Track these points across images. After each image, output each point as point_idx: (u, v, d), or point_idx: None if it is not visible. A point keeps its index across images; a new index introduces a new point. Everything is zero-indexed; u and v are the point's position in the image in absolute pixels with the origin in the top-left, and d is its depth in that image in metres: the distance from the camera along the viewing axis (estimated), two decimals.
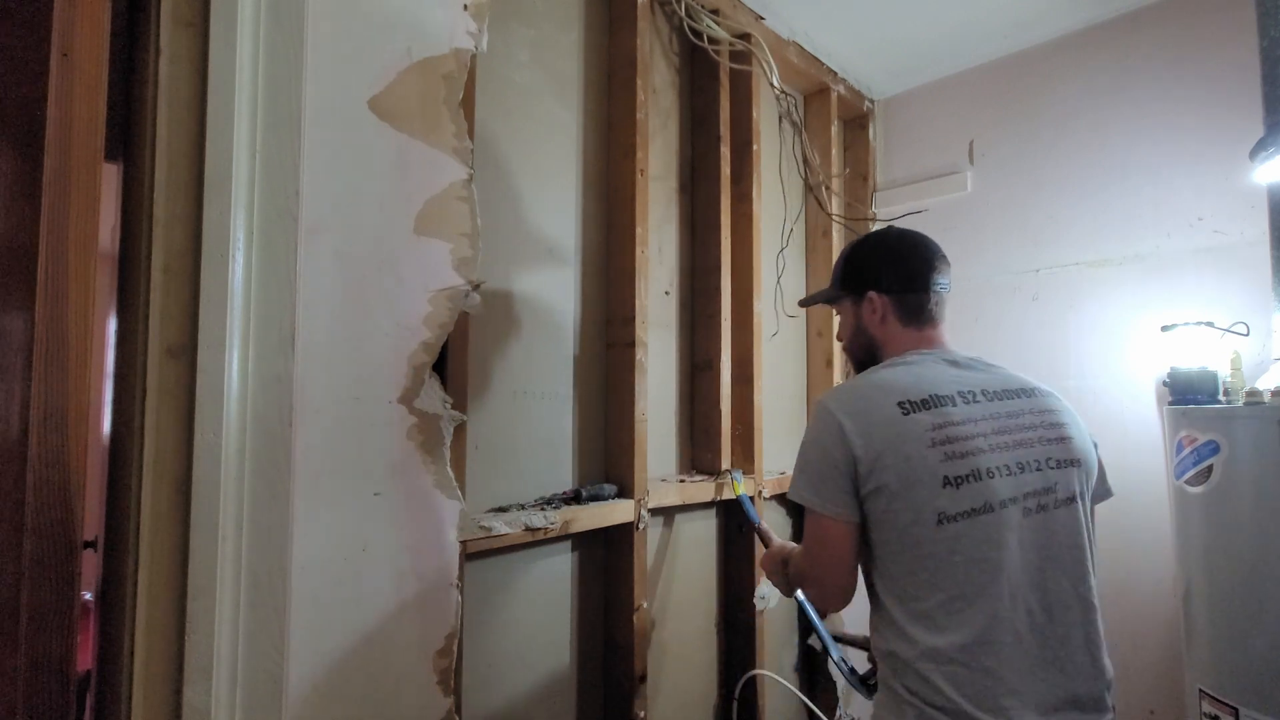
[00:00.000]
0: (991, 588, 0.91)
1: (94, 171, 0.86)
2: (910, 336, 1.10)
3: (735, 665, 1.88)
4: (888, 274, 1.12)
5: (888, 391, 0.98)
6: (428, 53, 1.15)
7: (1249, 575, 1.33)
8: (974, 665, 0.89)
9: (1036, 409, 1.01)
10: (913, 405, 0.95)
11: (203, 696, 0.89)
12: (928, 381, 0.99)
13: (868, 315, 1.13)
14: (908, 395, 0.97)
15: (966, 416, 0.96)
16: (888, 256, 1.14)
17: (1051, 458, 0.98)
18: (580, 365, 1.59)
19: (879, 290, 1.12)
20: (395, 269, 1.10)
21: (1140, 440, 1.91)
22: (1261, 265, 1.64)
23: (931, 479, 0.92)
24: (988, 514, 0.92)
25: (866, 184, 2.52)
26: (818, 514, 0.99)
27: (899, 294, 1.11)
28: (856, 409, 0.97)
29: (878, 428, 0.95)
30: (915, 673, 0.91)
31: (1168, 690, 1.83)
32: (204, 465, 0.91)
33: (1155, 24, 1.96)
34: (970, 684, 0.88)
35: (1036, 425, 0.99)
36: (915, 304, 1.10)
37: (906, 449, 0.93)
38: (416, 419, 1.12)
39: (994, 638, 0.90)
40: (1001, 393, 1.01)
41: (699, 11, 1.83)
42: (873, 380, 1.02)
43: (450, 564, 1.15)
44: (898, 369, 1.04)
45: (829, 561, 1.00)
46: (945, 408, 0.96)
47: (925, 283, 1.10)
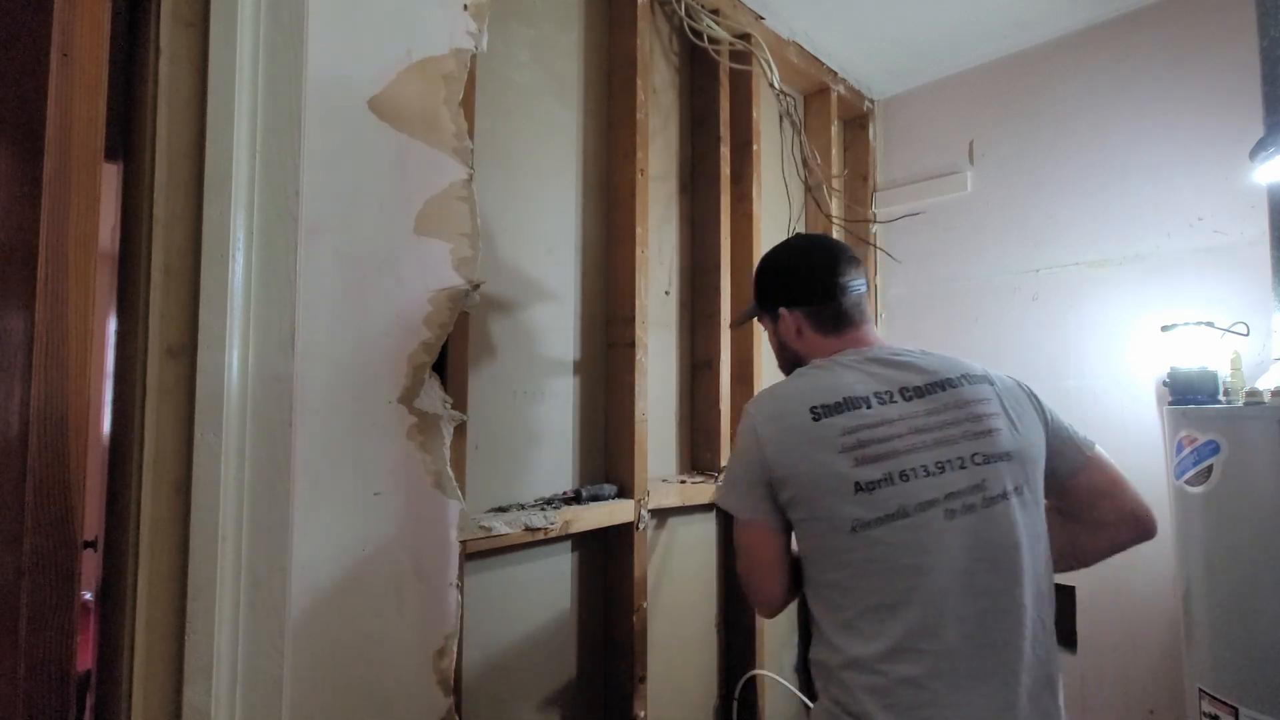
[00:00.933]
0: (913, 595, 0.86)
1: (94, 171, 0.86)
2: (831, 345, 1.06)
3: (735, 665, 1.88)
4: (793, 289, 1.09)
5: (802, 397, 0.96)
6: (428, 53, 1.15)
7: (1249, 575, 1.33)
8: (893, 675, 0.85)
9: (962, 401, 0.95)
10: (825, 409, 0.93)
11: (203, 696, 0.89)
12: (844, 384, 0.96)
13: (785, 332, 1.11)
14: (821, 399, 0.94)
15: (881, 418, 0.92)
16: (789, 271, 1.12)
17: (978, 453, 0.92)
18: (580, 365, 1.59)
19: (788, 306, 1.09)
20: (395, 269, 1.10)
21: (1140, 440, 1.91)
22: (1261, 265, 1.64)
23: (844, 485, 0.89)
24: (904, 519, 0.88)
25: (866, 184, 2.52)
26: (742, 521, 0.99)
27: (809, 306, 1.07)
28: (772, 415, 0.97)
29: (790, 434, 0.94)
30: (839, 682, 0.90)
31: (1168, 690, 1.83)
32: (204, 465, 0.91)
33: (1155, 24, 1.96)
34: (890, 694, 0.85)
35: (960, 420, 0.94)
36: (828, 313, 1.06)
37: (818, 455, 0.91)
38: (416, 419, 1.12)
39: (916, 646, 0.86)
40: (924, 388, 0.96)
41: (699, 11, 1.83)
42: (790, 385, 1.01)
43: (450, 564, 1.15)
44: (817, 372, 1.01)
45: (755, 568, 1.01)
46: (859, 410, 0.93)
47: (832, 289, 1.06)
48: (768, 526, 0.97)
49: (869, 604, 0.89)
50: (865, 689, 0.86)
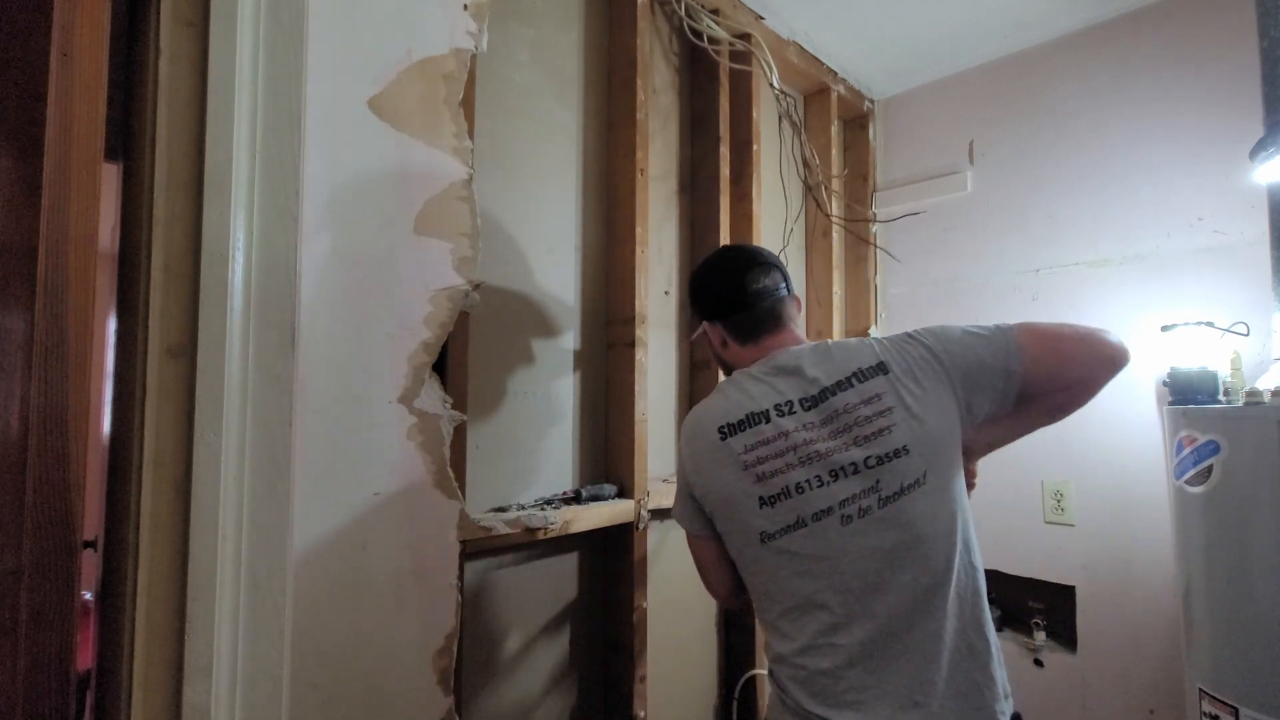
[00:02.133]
0: (821, 596, 0.93)
1: (94, 171, 0.86)
2: (752, 354, 1.08)
3: (735, 665, 1.88)
4: (708, 302, 1.13)
5: (712, 417, 1.02)
6: (428, 53, 1.15)
7: (1249, 575, 1.33)
8: (810, 668, 0.93)
9: (851, 405, 0.94)
10: (730, 428, 0.99)
11: (203, 696, 0.89)
12: (748, 399, 1.00)
13: (714, 343, 1.15)
14: (727, 418, 1.00)
15: (778, 430, 0.96)
16: (701, 287, 1.15)
17: (870, 456, 0.92)
18: (580, 365, 1.59)
19: (709, 320, 1.13)
20: (395, 269, 1.10)
21: (1140, 440, 1.91)
22: (1261, 265, 1.64)
23: (748, 500, 0.96)
24: (803, 528, 0.94)
25: (866, 184, 2.52)
26: (687, 532, 1.10)
27: (725, 317, 1.10)
28: (689, 436, 1.05)
29: (701, 455, 1.01)
30: (774, 676, 1.00)
31: (1168, 690, 1.83)
32: (204, 465, 0.91)
33: (1155, 24, 1.96)
34: (811, 684, 0.93)
35: (851, 425, 0.94)
36: (743, 322, 1.08)
37: (725, 474, 0.98)
38: (416, 419, 1.12)
39: (830, 642, 0.92)
40: (816, 396, 0.96)
41: (699, 11, 1.83)
42: (706, 404, 1.06)
43: (450, 564, 1.15)
44: (730, 388, 1.05)
45: (702, 568, 1.13)
46: (759, 425, 0.98)
47: (741, 299, 1.07)
48: (703, 535, 1.08)
49: (785, 606, 0.96)
50: (790, 679, 0.95)
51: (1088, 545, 2.00)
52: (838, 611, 0.92)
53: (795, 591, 0.95)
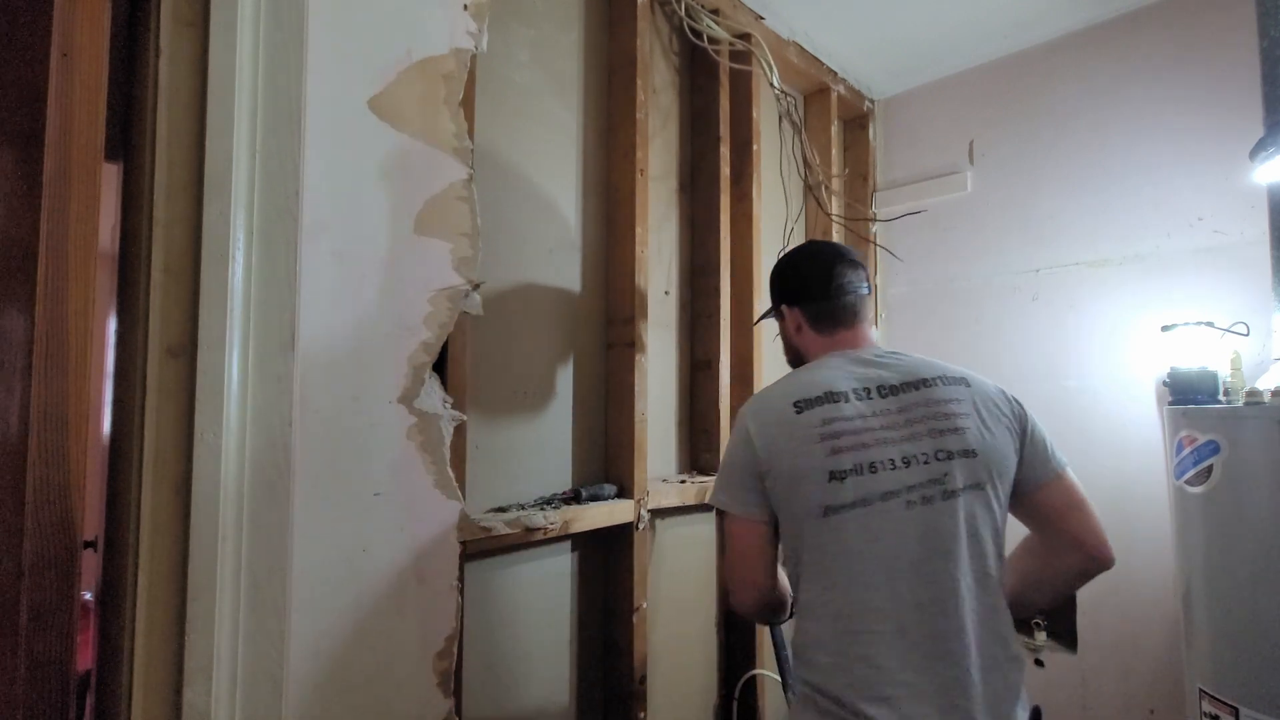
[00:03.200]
0: (867, 578, 0.94)
1: (94, 171, 0.86)
2: (824, 342, 1.14)
3: (735, 665, 1.88)
4: (791, 287, 1.18)
5: (787, 393, 1.04)
6: (428, 53, 1.15)
7: (1249, 575, 1.33)
8: (851, 654, 0.92)
9: (933, 400, 1.01)
10: (806, 403, 1.01)
11: (203, 696, 0.89)
12: (826, 380, 1.03)
13: (788, 328, 1.20)
14: (804, 394, 1.02)
15: (857, 412, 0.99)
16: (789, 271, 1.20)
17: (941, 450, 0.97)
18: (580, 365, 1.59)
19: (789, 303, 1.18)
20: (395, 269, 1.10)
21: (1140, 440, 1.91)
22: (1261, 265, 1.64)
23: (818, 473, 0.96)
24: (865, 506, 0.95)
25: (866, 184, 2.52)
26: (730, 515, 1.05)
27: (806, 304, 1.15)
28: (759, 411, 1.05)
29: (773, 426, 1.01)
30: (809, 662, 0.97)
31: (1168, 690, 1.83)
32: (204, 465, 0.91)
33: (1155, 24, 1.96)
34: (848, 672, 0.92)
35: (928, 417, 1.00)
36: (823, 311, 1.14)
37: (796, 444, 0.98)
38: (416, 419, 1.12)
39: (871, 628, 0.92)
40: (899, 386, 1.03)
41: (699, 11, 1.83)
42: (780, 384, 1.08)
43: (450, 564, 1.15)
44: (804, 372, 1.09)
45: (740, 557, 1.06)
46: (838, 404, 1.00)
47: (826, 289, 1.13)
48: (756, 519, 1.04)
49: (828, 584, 0.96)
50: (829, 668, 0.94)
51: None
52: (883, 594, 0.93)
53: (843, 570, 0.95)
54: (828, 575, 0.96)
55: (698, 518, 1.86)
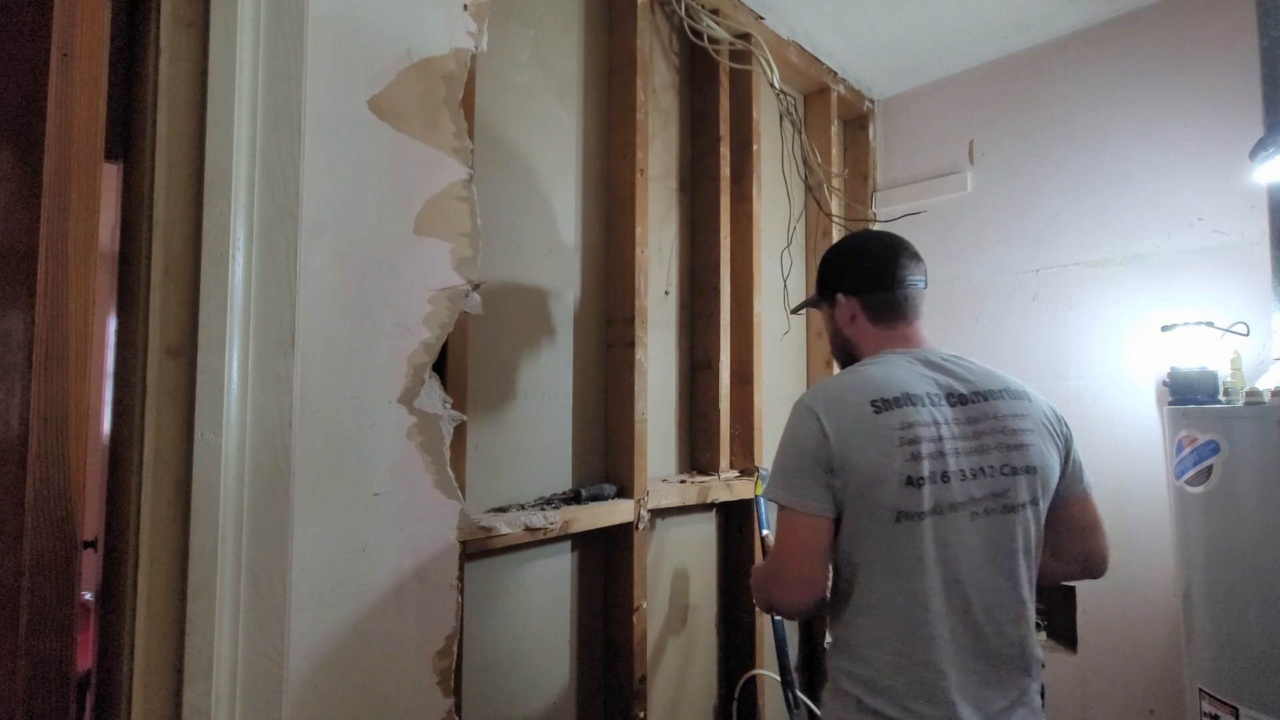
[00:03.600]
0: (931, 583, 0.94)
1: (94, 171, 0.86)
2: (881, 335, 1.11)
3: (735, 665, 1.88)
4: (851, 275, 1.14)
5: (862, 389, 1.00)
6: (428, 53, 1.15)
7: (1249, 575, 1.33)
8: (913, 655, 0.93)
9: (1000, 413, 1.02)
10: (885, 404, 0.97)
11: (203, 696, 0.89)
12: (900, 381, 1.00)
13: (840, 317, 1.15)
14: (881, 393, 0.98)
15: (933, 418, 0.98)
16: (851, 258, 1.16)
17: (1007, 464, 0.99)
18: (580, 365, 1.59)
19: (845, 292, 1.14)
20: (395, 269, 1.10)
21: (1140, 440, 1.91)
22: (1261, 265, 1.64)
23: (895, 477, 0.94)
24: (937, 515, 0.95)
25: (866, 184, 2.52)
26: (791, 510, 0.99)
27: (865, 293, 1.12)
28: (835, 405, 0.99)
29: (850, 424, 0.97)
30: (860, 656, 0.97)
31: (1168, 690, 1.83)
32: (204, 465, 0.91)
33: (1155, 24, 1.96)
34: (908, 672, 0.93)
35: (996, 430, 1.00)
36: (883, 302, 1.10)
37: (874, 444, 0.95)
38: (416, 419, 1.12)
39: (933, 633, 0.93)
40: (969, 396, 1.02)
41: (699, 11, 1.83)
42: (848, 379, 1.04)
43: (450, 564, 1.15)
44: (873, 367, 1.05)
45: (798, 554, 0.99)
46: (916, 407, 0.98)
47: (890, 280, 1.10)
48: (820, 514, 0.98)
49: (894, 588, 0.95)
50: (889, 665, 0.94)
51: None
52: (946, 602, 0.94)
53: (911, 575, 0.95)
54: (894, 577, 0.95)
55: (698, 518, 1.86)
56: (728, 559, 1.92)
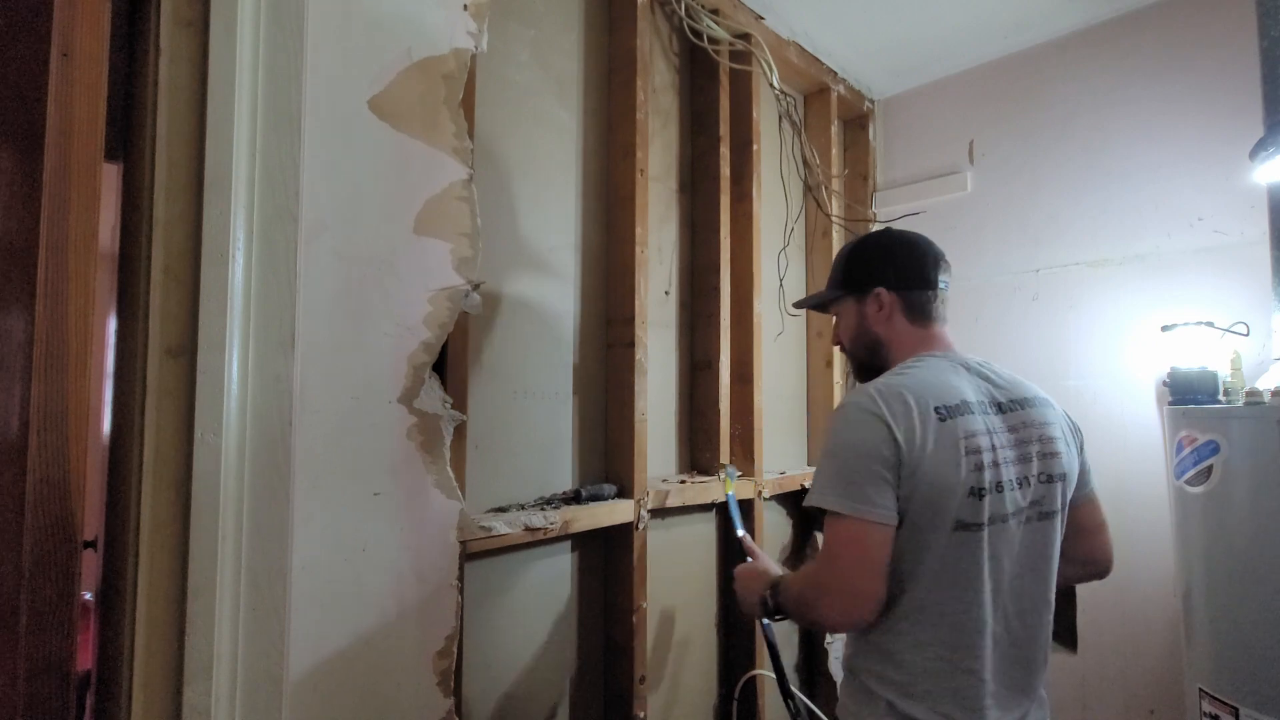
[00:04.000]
0: (979, 591, 0.94)
1: (94, 171, 0.86)
2: (916, 335, 1.09)
3: (735, 665, 1.88)
4: (894, 270, 1.11)
5: (923, 394, 0.96)
6: (428, 53, 1.15)
7: (1249, 575, 1.33)
8: (957, 663, 0.93)
9: (1036, 421, 1.03)
10: (949, 411, 0.95)
11: (203, 696, 0.89)
12: (956, 387, 0.99)
13: (873, 313, 1.12)
14: (943, 399, 0.96)
15: (987, 427, 0.97)
16: (893, 253, 1.14)
17: (1044, 473, 1.00)
18: (580, 365, 1.59)
19: (887, 286, 1.11)
20: (395, 269, 1.10)
21: (1140, 440, 1.91)
22: (1261, 265, 1.64)
23: (960, 487, 0.92)
24: (992, 525, 0.94)
25: (866, 184, 2.52)
26: (853, 519, 0.92)
27: (906, 290, 1.10)
28: (897, 410, 0.94)
29: (919, 431, 0.93)
30: (898, 661, 0.95)
31: (1168, 690, 1.83)
32: (204, 465, 0.91)
33: (1155, 24, 1.96)
34: (950, 679, 0.93)
35: (1034, 439, 1.01)
36: (921, 301, 1.10)
37: (944, 455, 0.93)
38: (416, 419, 1.12)
39: (979, 641, 0.94)
40: (1009, 404, 1.03)
41: (699, 11, 1.83)
42: (905, 381, 0.99)
43: (450, 564, 1.15)
44: (922, 371, 1.01)
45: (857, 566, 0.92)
46: (974, 416, 0.97)
47: (930, 279, 1.11)
48: (888, 523, 0.92)
49: (949, 596, 0.94)
50: (930, 671, 0.94)
51: None
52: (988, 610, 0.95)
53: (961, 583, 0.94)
54: (949, 586, 0.94)
55: (698, 518, 1.86)
56: (728, 559, 1.92)
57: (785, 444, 2.22)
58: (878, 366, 1.11)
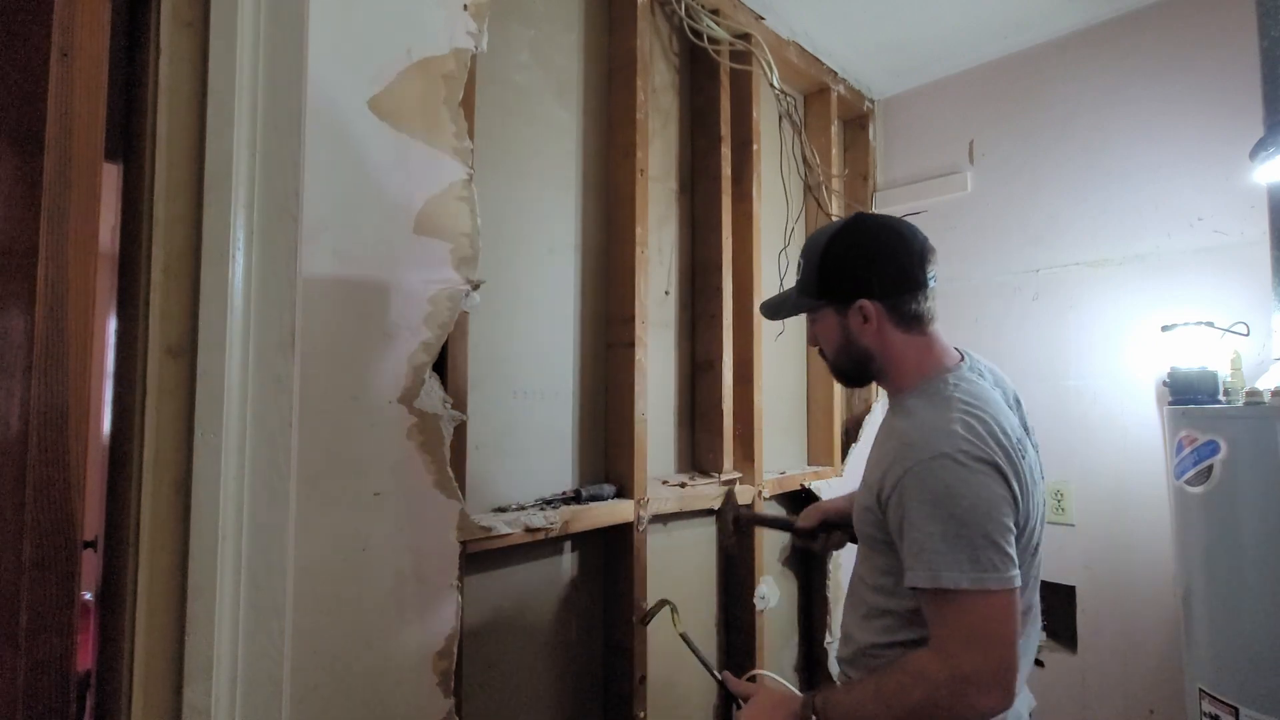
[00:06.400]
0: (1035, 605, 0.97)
1: (94, 171, 0.85)
2: (914, 344, 1.00)
3: (735, 665, 1.88)
4: (878, 276, 0.98)
5: (1002, 429, 0.87)
6: (428, 53, 1.15)
7: (1249, 575, 1.33)
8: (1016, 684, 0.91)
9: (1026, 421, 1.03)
10: (1020, 444, 0.90)
11: (203, 696, 0.89)
12: (1006, 411, 0.93)
13: (857, 326, 1.00)
14: (1014, 434, 0.89)
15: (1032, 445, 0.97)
16: (875, 255, 0.99)
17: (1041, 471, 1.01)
18: (580, 365, 1.59)
19: (870, 297, 0.98)
20: (395, 269, 1.10)
21: (1140, 440, 1.91)
22: (1261, 265, 1.64)
23: (1036, 518, 0.93)
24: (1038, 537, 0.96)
25: (866, 184, 2.52)
26: (995, 592, 0.79)
27: (893, 298, 0.98)
28: (1002, 456, 0.85)
29: (1023, 475, 0.87)
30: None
31: (1168, 690, 1.83)
32: (204, 465, 0.91)
33: (1155, 24, 1.96)
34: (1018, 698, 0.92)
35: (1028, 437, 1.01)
36: (912, 307, 0.99)
37: (1036, 493, 0.92)
38: (416, 419, 1.12)
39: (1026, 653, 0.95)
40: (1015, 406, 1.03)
41: (699, 11, 1.83)
42: (982, 415, 0.88)
43: (450, 564, 1.15)
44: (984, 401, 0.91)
45: (1001, 643, 0.80)
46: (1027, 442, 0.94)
47: (918, 279, 0.98)
48: (1019, 584, 0.82)
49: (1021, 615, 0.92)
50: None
51: (1088, 545, 2.00)
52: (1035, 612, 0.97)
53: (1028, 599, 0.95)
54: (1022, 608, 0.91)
55: (698, 518, 1.86)
56: (728, 559, 1.92)
57: (785, 444, 2.22)
58: (869, 378, 1.06)
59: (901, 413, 0.98)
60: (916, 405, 0.96)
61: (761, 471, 1.93)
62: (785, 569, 2.15)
